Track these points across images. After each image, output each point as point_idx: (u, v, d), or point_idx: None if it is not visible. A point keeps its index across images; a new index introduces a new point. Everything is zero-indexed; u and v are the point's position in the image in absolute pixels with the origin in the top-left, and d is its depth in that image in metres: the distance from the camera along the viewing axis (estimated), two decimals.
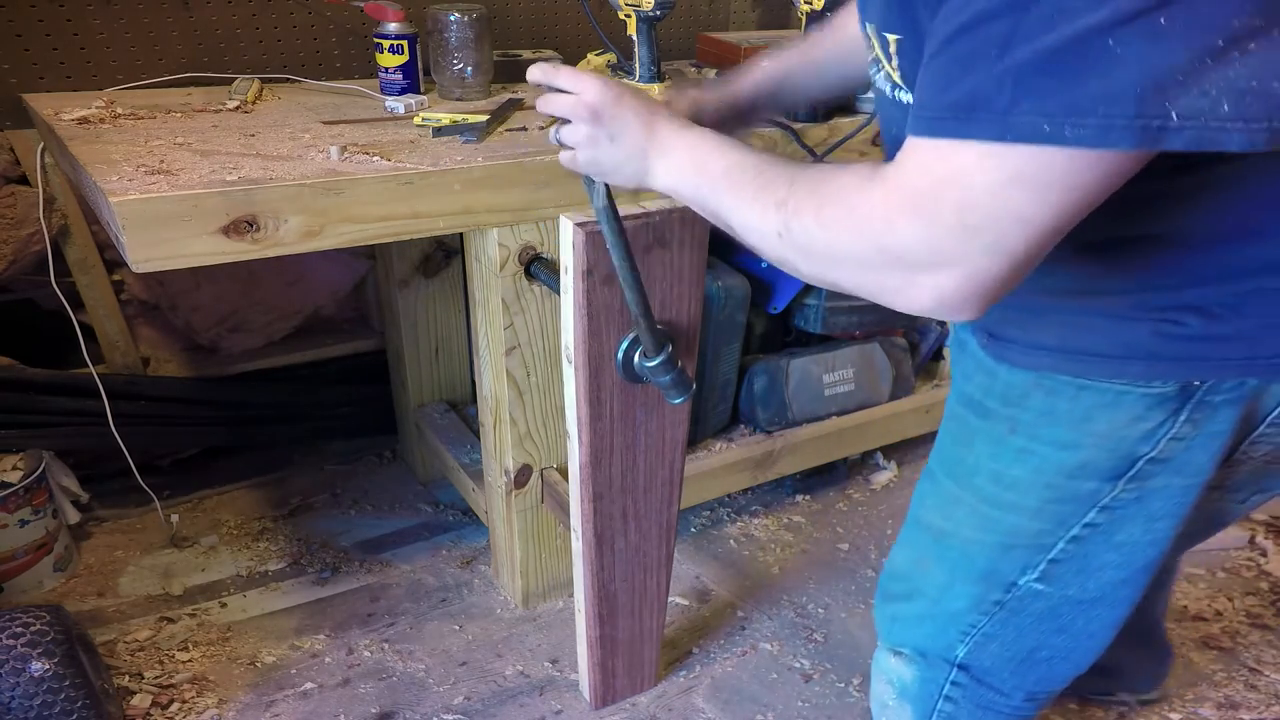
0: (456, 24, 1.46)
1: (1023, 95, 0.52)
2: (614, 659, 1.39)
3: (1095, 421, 0.75)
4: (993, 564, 0.87)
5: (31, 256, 1.56)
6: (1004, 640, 0.92)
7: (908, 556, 0.98)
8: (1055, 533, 0.82)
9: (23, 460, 1.60)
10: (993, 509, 0.85)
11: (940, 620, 0.95)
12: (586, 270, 1.02)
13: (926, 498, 0.94)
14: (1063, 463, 0.78)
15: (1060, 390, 0.76)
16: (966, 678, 0.97)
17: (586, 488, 1.19)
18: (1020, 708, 0.98)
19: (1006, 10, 0.52)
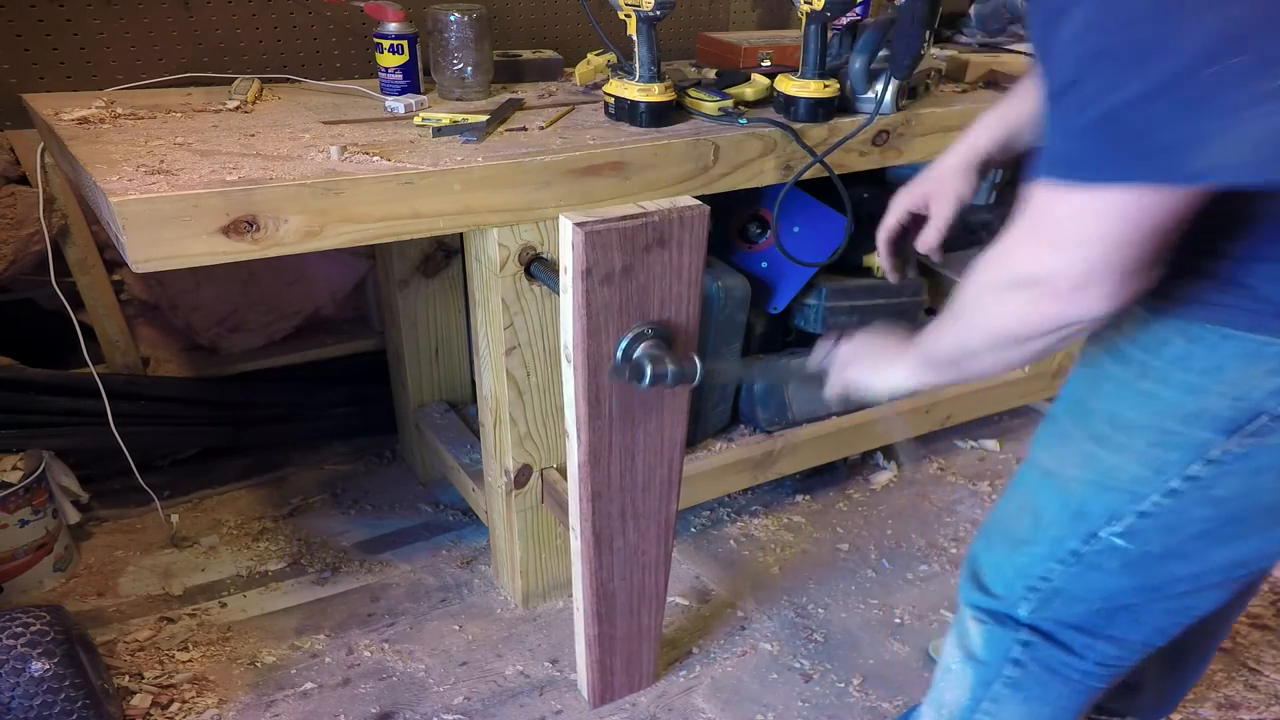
0: (456, 24, 1.46)
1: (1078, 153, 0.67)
2: (612, 657, 1.40)
3: (1227, 370, 0.76)
4: (1084, 503, 0.88)
5: (31, 256, 1.56)
6: (1074, 595, 0.92)
7: (1009, 502, 0.99)
8: (1152, 481, 0.83)
9: (23, 460, 1.60)
10: (1099, 447, 0.86)
11: (1014, 567, 0.95)
12: (586, 270, 1.02)
13: (1042, 438, 0.95)
14: (1183, 406, 0.79)
15: (1203, 338, 0.77)
16: (1036, 637, 0.97)
17: (585, 486, 1.19)
18: (1092, 672, 0.97)
19: (1073, 84, 0.66)
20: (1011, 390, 2.08)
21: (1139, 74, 0.61)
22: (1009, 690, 1.02)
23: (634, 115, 1.38)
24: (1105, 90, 0.63)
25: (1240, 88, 0.59)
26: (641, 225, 1.04)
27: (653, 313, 1.10)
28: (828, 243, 1.61)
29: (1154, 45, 0.60)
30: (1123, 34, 0.62)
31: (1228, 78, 0.58)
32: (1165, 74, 0.60)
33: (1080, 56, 0.64)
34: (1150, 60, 0.60)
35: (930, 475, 2.07)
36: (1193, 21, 0.58)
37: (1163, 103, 0.61)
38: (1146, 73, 0.61)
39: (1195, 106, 0.60)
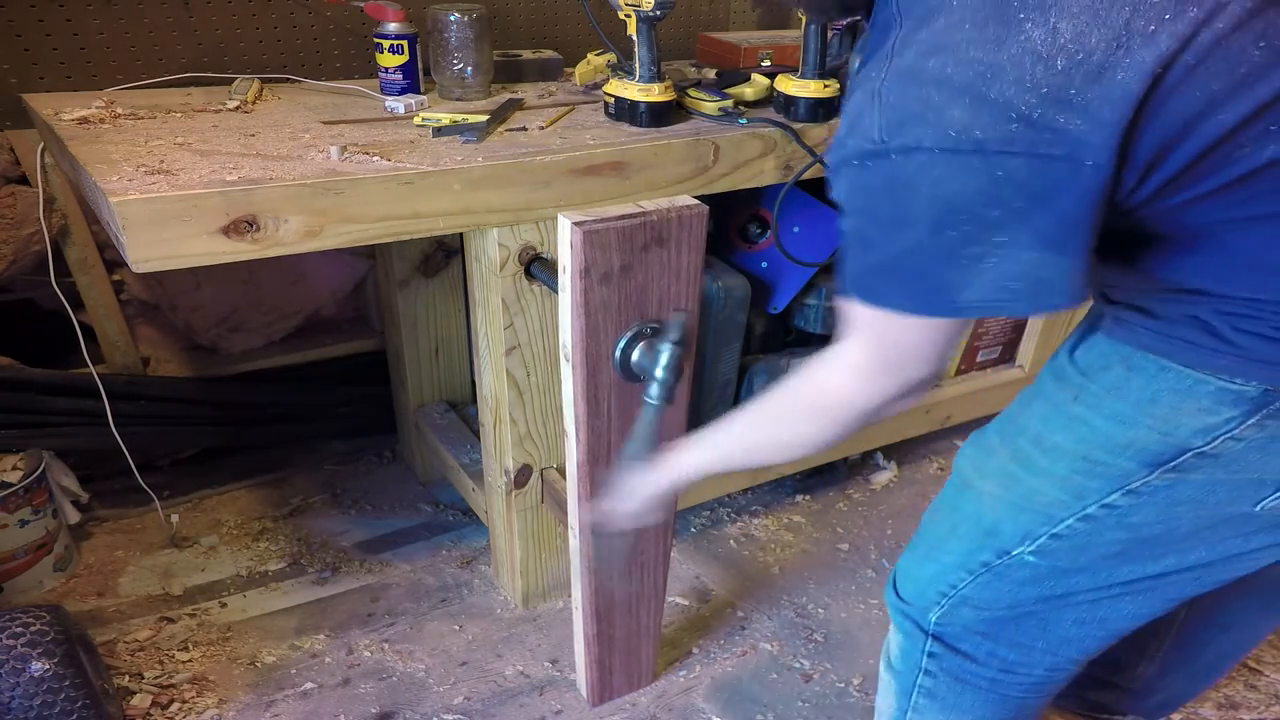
0: (456, 24, 1.46)
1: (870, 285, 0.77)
2: (611, 656, 1.40)
3: (1160, 404, 0.76)
4: (998, 522, 0.89)
5: (31, 256, 1.56)
6: (979, 602, 0.94)
7: (935, 506, 1.00)
8: (1070, 506, 0.84)
9: (23, 460, 1.60)
10: (1020, 468, 0.87)
11: (926, 574, 0.97)
12: (584, 269, 1.02)
13: (968, 448, 0.96)
14: (1112, 436, 0.80)
15: (1142, 368, 0.78)
16: (940, 647, 0.98)
17: (584, 485, 1.19)
18: (999, 679, 0.98)
19: (855, 234, 0.76)
20: (1011, 390, 2.08)
21: (895, 237, 0.71)
22: (926, 700, 1.03)
23: (634, 115, 1.38)
24: (876, 244, 0.73)
25: (969, 246, 0.68)
26: (640, 224, 1.04)
27: (651, 312, 1.10)
28: (828, 243, 1.61)
29: (898, 216, 0.69)
30: (872, 203, 0.72)
31: (959, 240, 0.68)
32: (912, 239, 0.69)
33: (852, 211, 0.74)
34: (899, 227, 0.70)
35: (930, 475, 2.07)
36: (924, 195, 0.67)
37: (918, 259, 0.70)
38: (899, 237, 0.70)
39: (942, 262, 0.69)
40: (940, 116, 0.64)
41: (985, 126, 0.63)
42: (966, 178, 0.65)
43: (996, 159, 0.64)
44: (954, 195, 0.66)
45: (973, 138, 0.63)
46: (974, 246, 0.67)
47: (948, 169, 0.65)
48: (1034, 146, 0.63)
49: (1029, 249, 0.67)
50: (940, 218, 0.67)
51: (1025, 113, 0.62)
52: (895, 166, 0.68)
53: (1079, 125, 0.62)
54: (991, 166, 0.64)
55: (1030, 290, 0.69)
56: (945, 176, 0.65)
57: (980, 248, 0.67)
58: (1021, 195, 0.64)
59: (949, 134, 0.64)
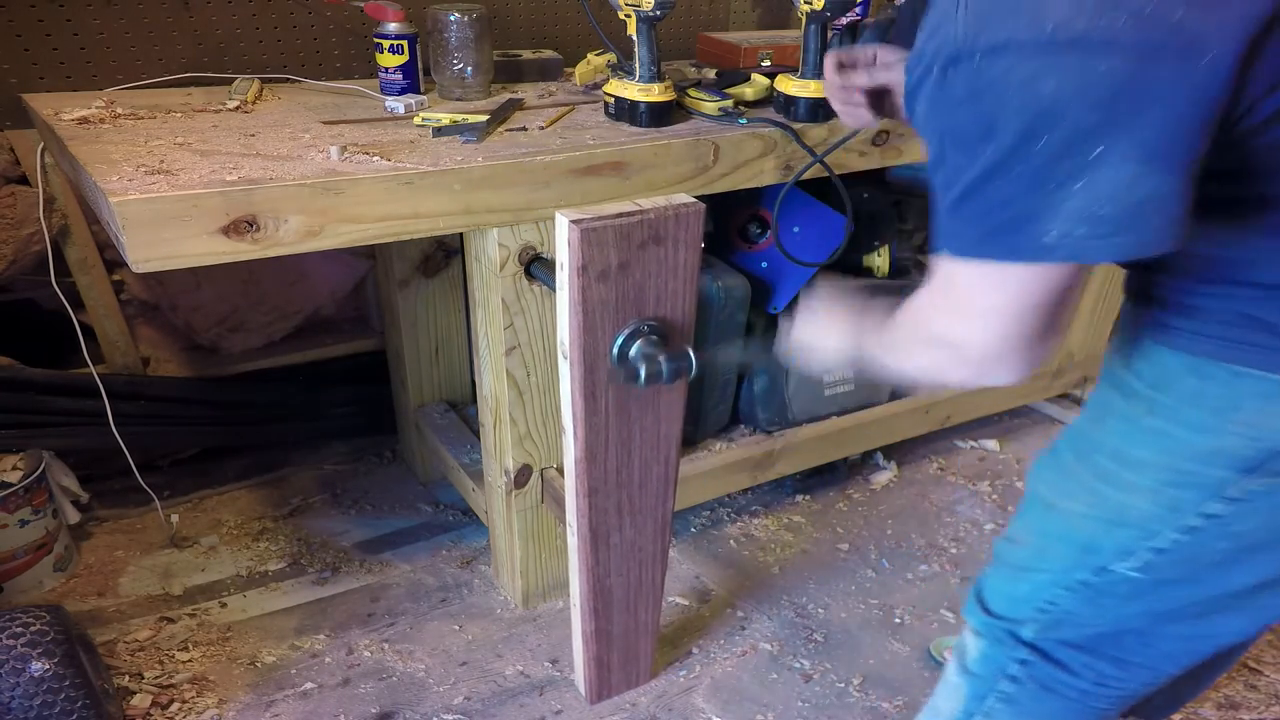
0: (456, 24, 1.46)
1: (953, 230, 0.71)
2: (609, 653, 1.40)
3: (1243, 410, 0.74)
4: (1093, 539, 0.86)
5: (31, 256, 1.56)
6: (1081, 619, 0.91)
7: (1015, 528, 0.98)
8: (1167, 519, 0.81)
9: (23, 460, 1.60)
10: (1106, 485, 0.84)
11: (1020, 592, 0.94)
12: (582, 266, 1.02)
13: (1043, 470, 0.94)
14: (1195, 446, 0.77)
15: (1214, 375, 0.76)
16: (1035, 655, 0.95)
17: (582, 482, 1.19)
18: (1090, 691, 0.95)
19: (936, 163, 0.71)
20: (1011, 390, 2.08)
21: (977, 155, 0.65)
22: (1002, 705, 1.01)
23: (634, 115, 1.38)
24: (957, 171, 0.68)
25: (1059, 161, 0.62)
26: (637, 222, 1.04)
27: (649, 309, 1.11)
28: (828, 243, 1.61)
29: (982, 128, 0.64)
30: (954, 118, 0.66)
31: (1048, 153, 0.62)
32: (995, 155, 0.64)
33: (933, 137, 0.70)
34: (982, 141, 0.64)
35: (930, 475, 2.07)
36: (1012, 99, 0.62)
37: (999, 182, 0.65)
38: (982, 154, 0.65)
39: (1026, 184, 0.63)
40: (1037, 7, 0.60)
41: (1088, 15, 0.58)
42: (1063, 76, 0.59)
43: (1099, 54, 0.58)
44: (1047, 96, 0.60)
45: (1073, 30, 0.58)
46: (1065, 161, 0.61)
47: (1041, 65, 0.60)
48: (1144, 41, 0.58)
49: (1127, 162, 0.61)
50: (1030, 124, 0.61)
51: (1137, 6, 0.58)
52: (981, 70, 0.62)
53: (1181, 14, 0.57)
54: (1093, 62, 0.58)
55: (1126, 216, 0.62)
56: (1038, 74, 0.60)
57: (1072, 162, 0.61)
58: (1124, 96, 0.59)
59: (1045, 27, 0.59)
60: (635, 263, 1.06)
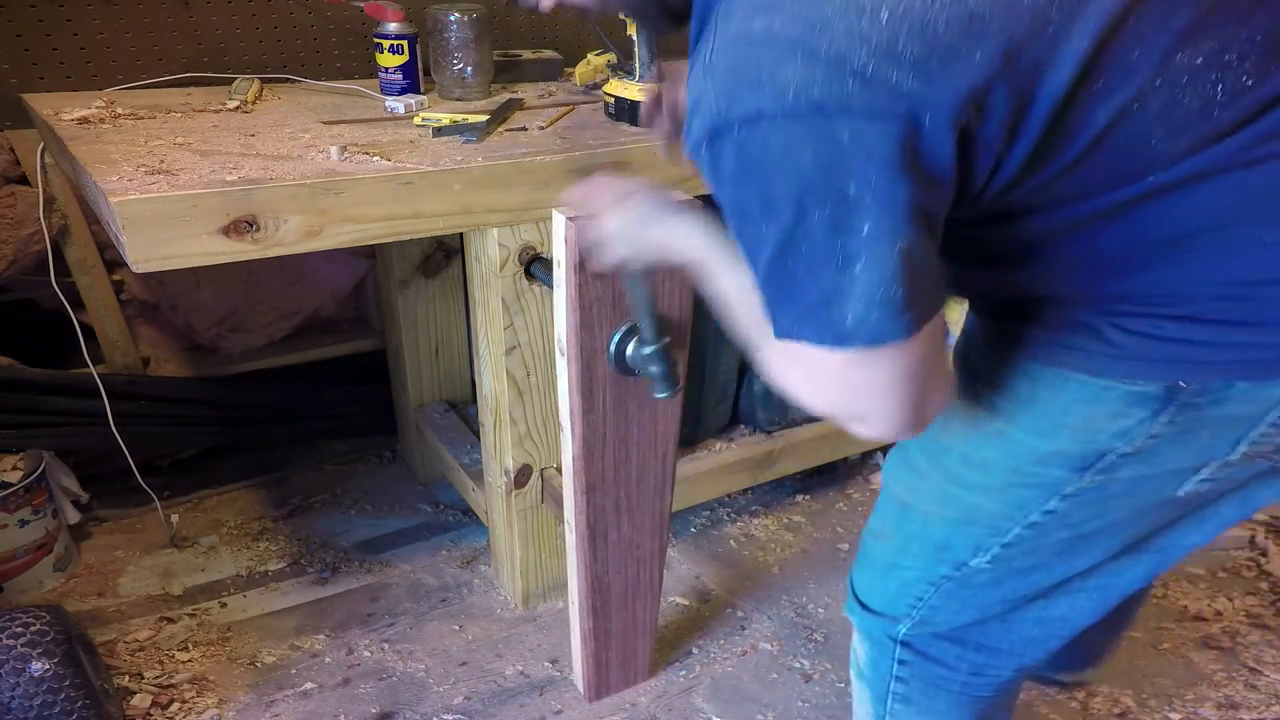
0: (456, 24, 1.46)
1: (767, 307, 0.69)
2: (608, 651, 1.40)
3: (1072, 413, 0.77)
4: (948, 538, 0.90)
5: (31, 256, 1.56)
6: (947, 610, 0.94)
7: (875, 523, 1.01)
8: (1013, 517, 0.85)
9: (23, 460, 1.60)
10: (956, 487, 0.88)
11: (890, 589, 0.97)
12: (578, 263, 1.03)
13: (896, 469, 0.96)
14: (1035, 449, 0.80)
15: (1045, 379, 0.78)
16: (911, 654, 0.99)
17: (579, 480, 1.19)
18: (970, 683, 0.99)
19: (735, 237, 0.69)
20: None
21: (764, 235, 0.64)
22: (901, 705, 1.04)
23: (634, 115, 1.38)
24: (752, 249, 0.66)
25: (835, 238, 0.61)
26: None
27: None
28: None
29: (760, 205, 0.62)
30: (733, 194, 0.64)
31: (823, 230, 0.61)
32: (779, 234, 0.63)
33: (723, 208, 0.67)
34: (765, 220, 0.63)
35: None
36: (777, 173, 0.60)
37: (791, 263, 0.63)
38: (768, 234, 0.63)
39: (815, 264, 0.62)
40: (774, 77, 0.59)
41: (821, 84, 0.58)
42: (815, 144, 0.59)
43: (839, 121, 0.58)
44: (807, 168, 0.60)
45: (810, 98, 0.58)
46: (840, 238, 0.61)
47: (792, 135, 0.59)
48: (872, 104, 0.58)
49: (896, 235, 0.61)
50: (800, 196, 0.61)
51: (858, 68, 0.57)
52: (741, 141, 0.62)
53: (911, 82, 0.57)
54: (836, 130, 0.58)
55: (907, 293, 0.63)
56: (793, 144, 0.59)
57: (847, 239, 0.61)
58: (873, 164, 0.59)
59: (786, 96, 0.59)
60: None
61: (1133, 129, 0.62)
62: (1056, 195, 0.67)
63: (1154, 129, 0.62)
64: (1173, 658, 1.56)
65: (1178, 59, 0.60)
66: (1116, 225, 0.68)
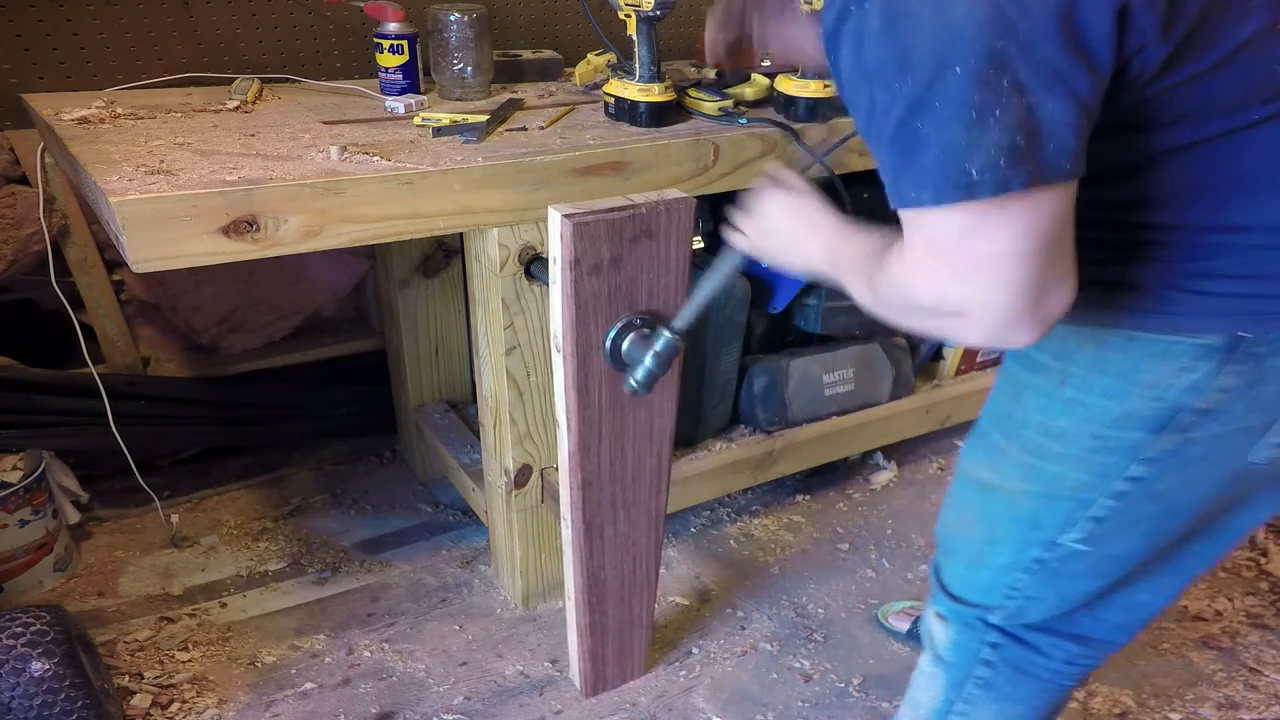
0: (456, 24, 1.46)
1: (891, 176, 0.70)
2: (604, 646, 1.40)
3: (1142, 371, 0.78)
4: (1036, 514, 0.89)
5: (31, 256, 1.56)
6: (1043, 599, 0.94)
7: (955, 515, 1.00)
8: (1098, 486, 0.84)
9: (23, 460, 1.60)
10: (1038, 459, 0.87)
11: (982, 581, 0.97)
12: (574, 260, 1.03)
13: (975, 452, 0.96)
14: (1109, 411, 0.81)
15: (1110, 342, 0.79)
16: (1005, 639, 0.98)
17: (575, 475, 1.20)
18: (1062, 670, 0.99)
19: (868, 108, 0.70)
20: None
21: (898, 91, 0.65)
22: (980, 690, 1.03)
23: (634, 115, 1.38)
24: (884, 111, 0.67)
25: (974, 91, 0.62)
26: (629, 217, 1.04)
27: (641, 303, 1.11)
28: None
29: (899, 60, 0.64)
30: (873, 52, 0.66)
31: (965, 81, 0.62)
32: (915, 89, 0.64)
33: (859, 81, 0.69)
34: (901, 75, 0.65)
35: (930, 475, 2.07)
36: (924, 27, 0.63)
37: (923, 118, 0.65)
38: (903, 89, 0.65)
39: (947, 118, 0.64)
40: None
41: None
42: (972, 1, 0.61)
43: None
44: (956, 22, 0.62)
45: None
46: (981, 89, 0.62)
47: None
48: None
49: (1030, 90, 0.62)
50: (944, 52, 0.62)
51: None
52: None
53: None
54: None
55: (1035, 143, 0.63)
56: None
57: (988, 92, 0.62)
58: (1028, 21, 0.61)
59: None
60: (627, 257, 1.07)
61: (1265, 53, 0.65)
62: (1176, 108, 0.68)
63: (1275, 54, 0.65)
64: (1173, 658, 1.56)
65: None
66: (1200, 158, 0.69)
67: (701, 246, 1.60)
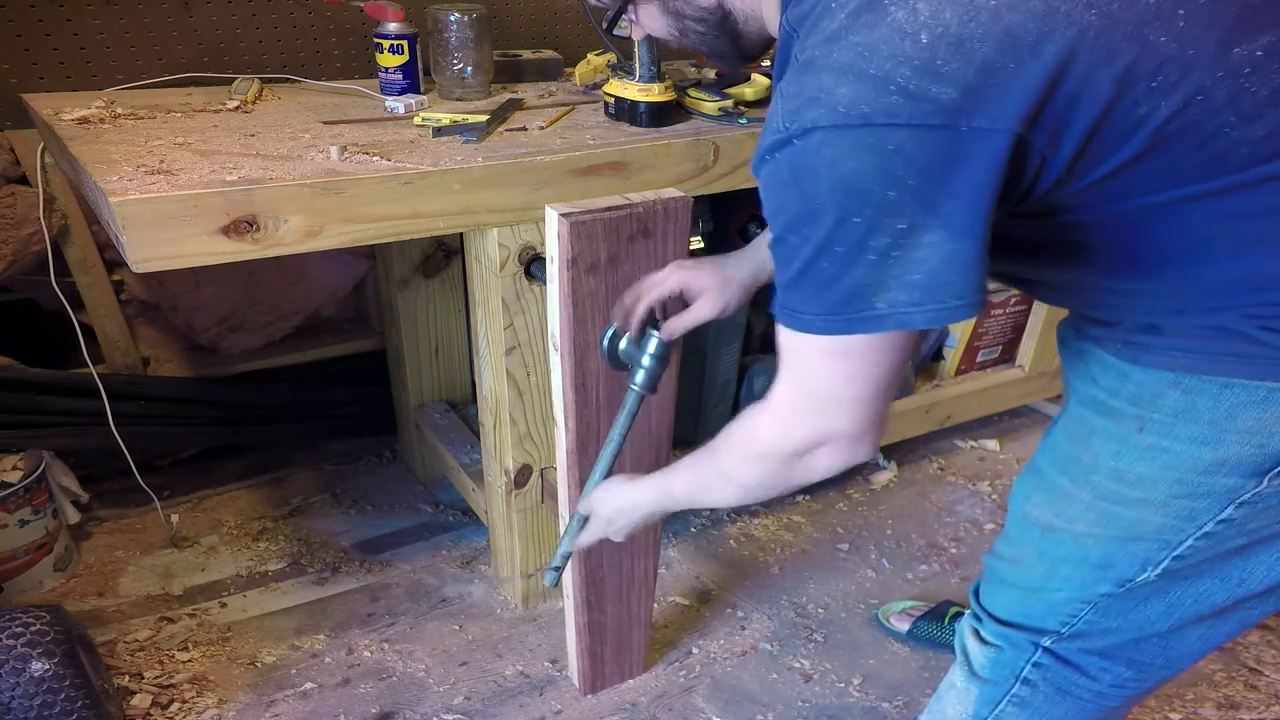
0: (456, 24, 1.46)
1: (794, 307, 0.75)
2: (602, 645, 1.40)
3: (1239, 419, 0.75)
4: (1109, 556, 0.86)
5: (31, 256, 1.56)
6: (1105, 628, 0.91)
7: (1010, 549, 0.97)
8: (1183, 529, 0.81)
9: (23, 460, 1.60)
10: (1113, 504, 0.84)
11: (1036, 609, 0.94)
12: (571, 259, 1.03)
13: (1033, 494, 0.93)
14: (1198, 458, 0.78)
15: (1200, 389, 0.76)
16: (1052, 659, 0.95)
17: (573, 473, 1.20)
18: (1106, 693, 0.96)
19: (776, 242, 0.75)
20: (1011, 390, 2.08)
21: (807, 236, 0.70)
22: (1015, 708, 0.99)
23: (634, 115, 1.38)
24: (793, 250, 0.72)
25: (874, 237, 0.67)
26: (626, 216, 1.05)
27: None
28: None
29: (806, 209, 0.69)
30: (783, 199, 0.71)
31: (863, 230, 0.67)
32: (821, 234, 0.69)
33: (772, 218, 0.74)
34: (809, 222, 0.70)
35: (930, 475, 2.07)
36: (825, 180, 0.67)
37: (829, 259, 0.70)
38: (811, 234, 0.70)
39: (851, 260, 0.69)
40: (830, 96, 0.67)
41: (869, 100, 0.65)
42: (861, 155, 0.66)
43: (884, 132, 0.65)
44: (852, 174, 0.67)
45: (860, 111, 0.66)
46: (879, 236, 0.68)
47: (841, 145, 0.67)
48: (914, 117, 0.65)
49: (930, 233, 0.67)
50: (843, 202, 0.68)
51: (902, 84, 0.65)
52: (796, 151, 0.69)
53: (950, 94, 0.64)
54: (882, 140, 0.65)
55: (934, 285, 0.69)
56: (841, 154, 0.67)
57: (885, 238, 0.68)
58: (913, 171, 0.66)
59: (839, 110, 0.66)
60: (624, 255, 1.07)
61: (1200, 119, 0.65)
62: (1141, 185, 0.69)
63: (1224, 117, 0.65)
64: None
65: (1235, 53, 0.64)
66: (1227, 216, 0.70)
67: (701, 246, 1.60)
